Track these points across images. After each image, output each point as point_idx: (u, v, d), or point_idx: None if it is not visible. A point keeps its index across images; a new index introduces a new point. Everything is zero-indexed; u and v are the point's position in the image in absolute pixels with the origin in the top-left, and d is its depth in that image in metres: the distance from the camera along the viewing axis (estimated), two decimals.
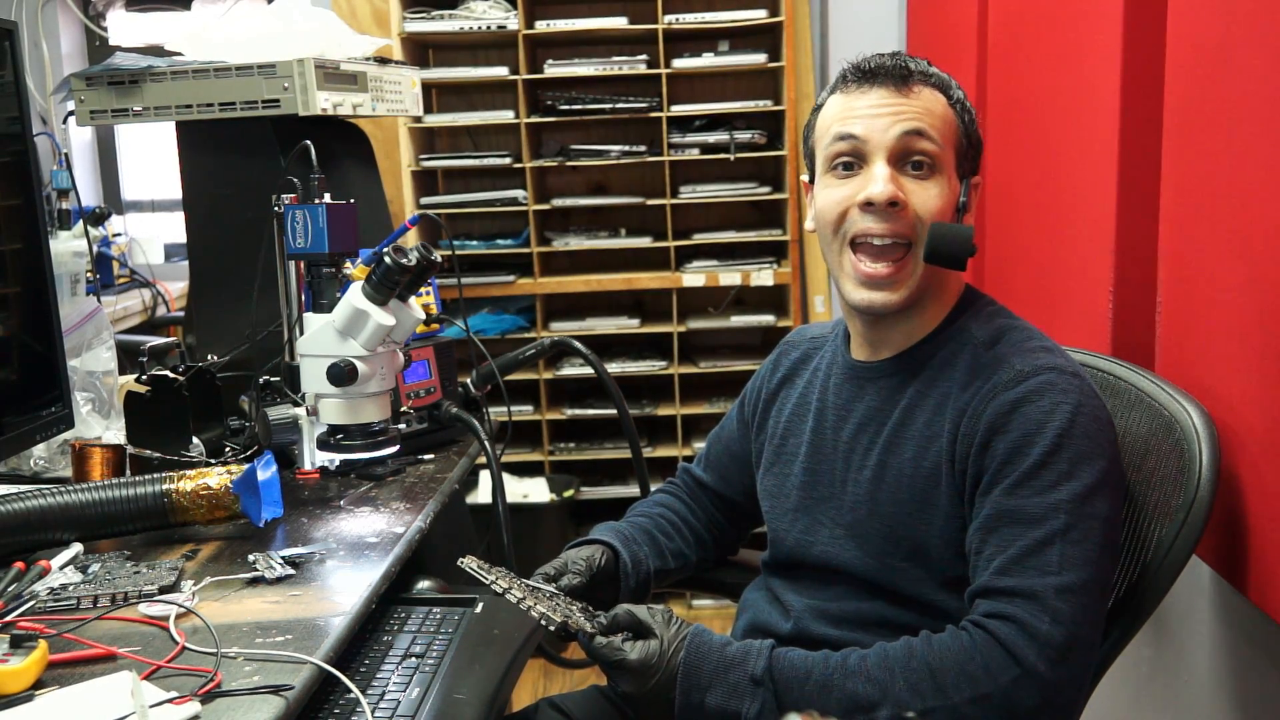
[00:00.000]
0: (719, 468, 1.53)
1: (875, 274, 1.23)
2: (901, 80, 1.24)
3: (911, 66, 1.25)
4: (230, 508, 1.38)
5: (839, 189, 1.24)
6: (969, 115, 1.28)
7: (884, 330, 1.29)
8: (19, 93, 1.54)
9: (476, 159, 3.22)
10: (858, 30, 3.17)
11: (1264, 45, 1.15)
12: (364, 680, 1.22)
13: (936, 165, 1.23)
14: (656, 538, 1.47)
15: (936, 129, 1.23)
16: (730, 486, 1.52)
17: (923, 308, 1.27)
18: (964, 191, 1.26)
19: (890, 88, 1.23)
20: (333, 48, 1.98)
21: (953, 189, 1.25)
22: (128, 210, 3.87)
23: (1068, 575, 1.10)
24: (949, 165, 1.24)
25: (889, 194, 1.20)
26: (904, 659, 1.12)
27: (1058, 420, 1.15)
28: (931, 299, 1.27)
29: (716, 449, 1.54)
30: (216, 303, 1.98)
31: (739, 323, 3.26)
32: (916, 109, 1.23)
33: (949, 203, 1.24)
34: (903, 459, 1.24)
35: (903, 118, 1.22)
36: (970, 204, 1.27)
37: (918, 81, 1.24)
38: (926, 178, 1.23)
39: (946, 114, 1.25)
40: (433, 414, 1.77)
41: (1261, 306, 1.16)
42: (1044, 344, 1.24)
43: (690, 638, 1.17)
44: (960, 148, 1.26)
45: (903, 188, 1.22)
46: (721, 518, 1.54)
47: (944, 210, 1.23)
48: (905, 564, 1.24)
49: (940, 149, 1.23)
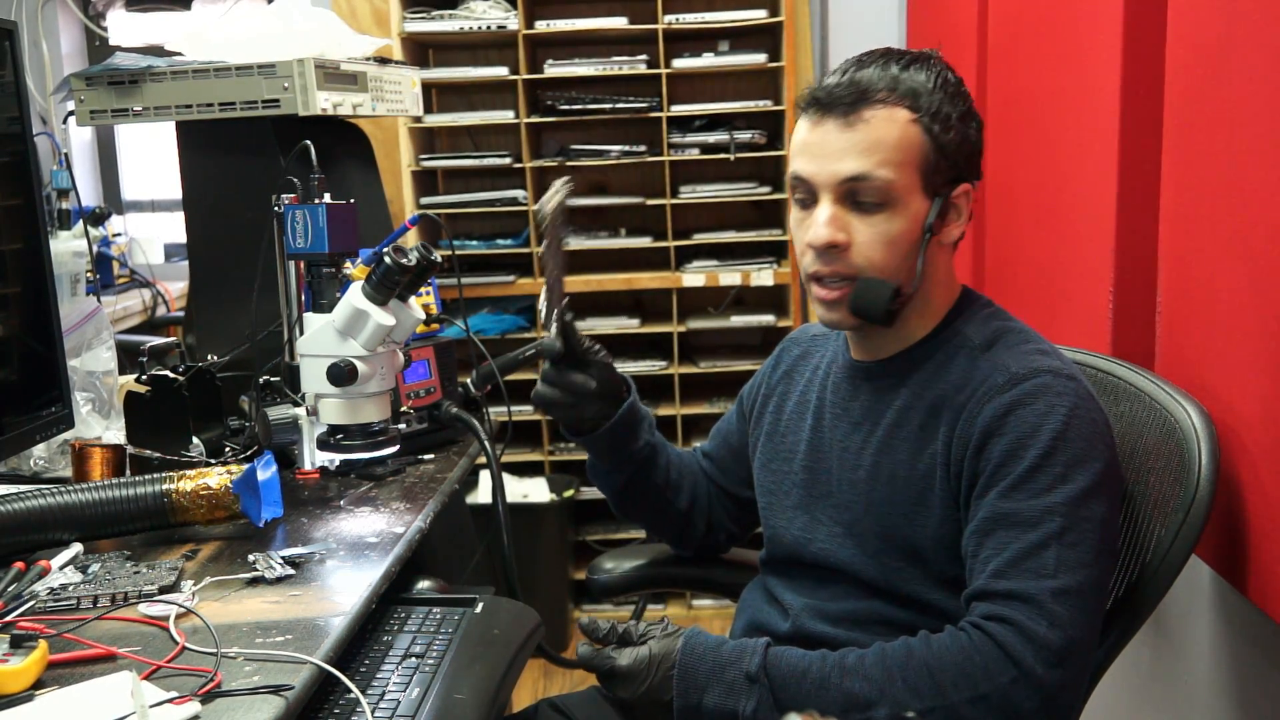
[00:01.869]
0: (719, 460, 1.54)
1: (826, 297, 1.24)
2: (851, 109, 1.19)
3: (867, 86, 1.19)
4: (230, 508, 1.38)
5: (799, 224, 1.26)
6: (942, 125, 1.20)
7: (871, 337, 1.30)
8: (19, 93, 1.54)
9: (476, 159, 3.22)
10: (858, 30, 3.17)
11: (1264, 45, 1.15)
12: (364, 680, 1.22)
13: (887, 199, 1.19)
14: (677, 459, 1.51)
15: (886, 161, 1.19)
16: (729, 479, 1.53)
17: (903, 318, 1.26)
18: (935, 210, 1.21)
19: (838, 119, 1.20)
20: (333, 48, 1.98)
21: (913, 214, 1.21)
22: (128, 210, 3.87)
23: (1064, 578, 1.10)
24: (908, 190, 1.20)
25: (825, 239, 1.21)
26: (903, 659, 1.12)
27: (1052, 423, 1.15)
28: (913, 309, 1.26)
29: (716, 442, 1.56)
30: (216, 303, 1.97)
31: (739, 323, 3.26)
32: (862, 145, 1.19)
33: (904, 231, 1.20)
34: (897, 460, 1.25)
35: (846, 158, 1.19)
36: (960, 214, 1.24)
37: (874, 104, 1.19)
38: (875, 213, 1.20)
39: (905, 136, 1.19)
40: (433, 414, 1.77)
41: (1261, 306, 1.16)
42: (1039, 346, 1.24)
43: (685, 639, 1.18)
44: (926, 166, 1.20)
45: (847, 226, 1.21)
46: (719, 507, 1.55)
47: (898, 240, 1.20)
48: (901, 564, 1.24)
49: (892, 179, 1.19)
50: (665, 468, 1.48)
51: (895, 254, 1.21)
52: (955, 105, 1.22)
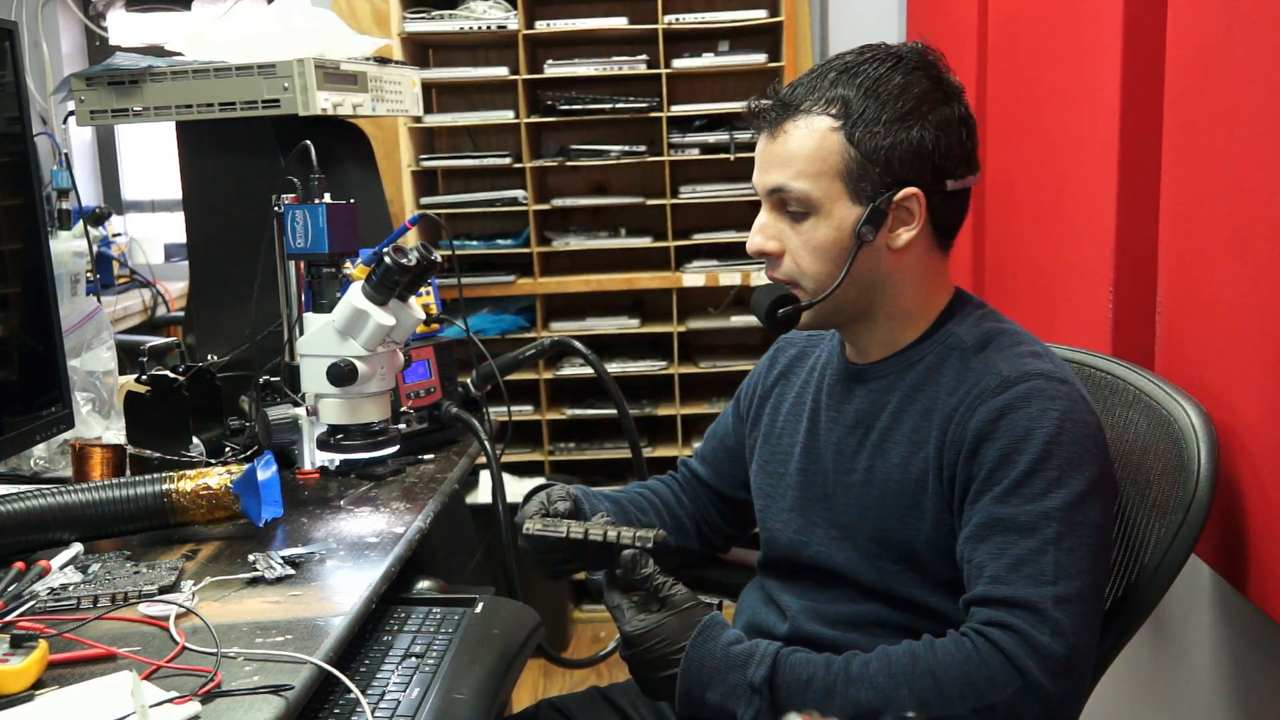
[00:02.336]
0: (714, 462, 1.52)
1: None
2: (775, 123, 1.24)
3: (789, 100, 1.23)
4: (230, 508, 1.38)
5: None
6: (867, 130, 1.19)
7: (859, 338, 1.30)
8: (19, 93, 1.54)
9: (476, 159, 3.22)
10: (858, 30, 3.17)
11: (1264, 45, 1.15)
12: (364, 680, 1.22)
13: (810, 207, 1.22)
14: (625, 507, 1.45)
15: (802, 172, 1.21)
16: (724, 481, 1.51)
17: (871, 320, 1.27)
18: (864, 217, 1.20)
19: (766, 133, 1.25)
20: (333, 48, 1.98)
21: (840, 220, 1.21)
22: (128, 210, 3.87)
23: (1063, 585, 1.10)
24: (831, 198, 1.21)
25: (754, 247, 1.27)
26: (908, 667, 1.12)
27: (1046, 427, 1.14)
28: (881, 312, 1.26)
29: (712, 443, 1.54)
30: (216, 303, 1.97)
31: (739, 323, 3.26)
32: (781, 157, 1.23)
33: (831, 237, 1.22)
34: (890, 463, 1.24)
35: (769, 170, 1.24)
36: (899, 221, 1.21)
37: (796, 115, 1.22)
38: (801, 220, 1.23)
39: (821, 147, 1.20)
40: (433, 414, 1.77)
41: (1261, 306, 1.16)
42: (1032, 349, 1.23)
43: (700, 629, 1.17)
44: (849, 173, 1.20)
45: (780, 234, 1.25)
46: (714, 513, 1.52)
47: (825, 246, 1.22)
48: (897, 566, 1.24)
49: (810, 189, 1.21)
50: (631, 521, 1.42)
51: (824, 260, 1.23)
52: (892, 108, 1.19)
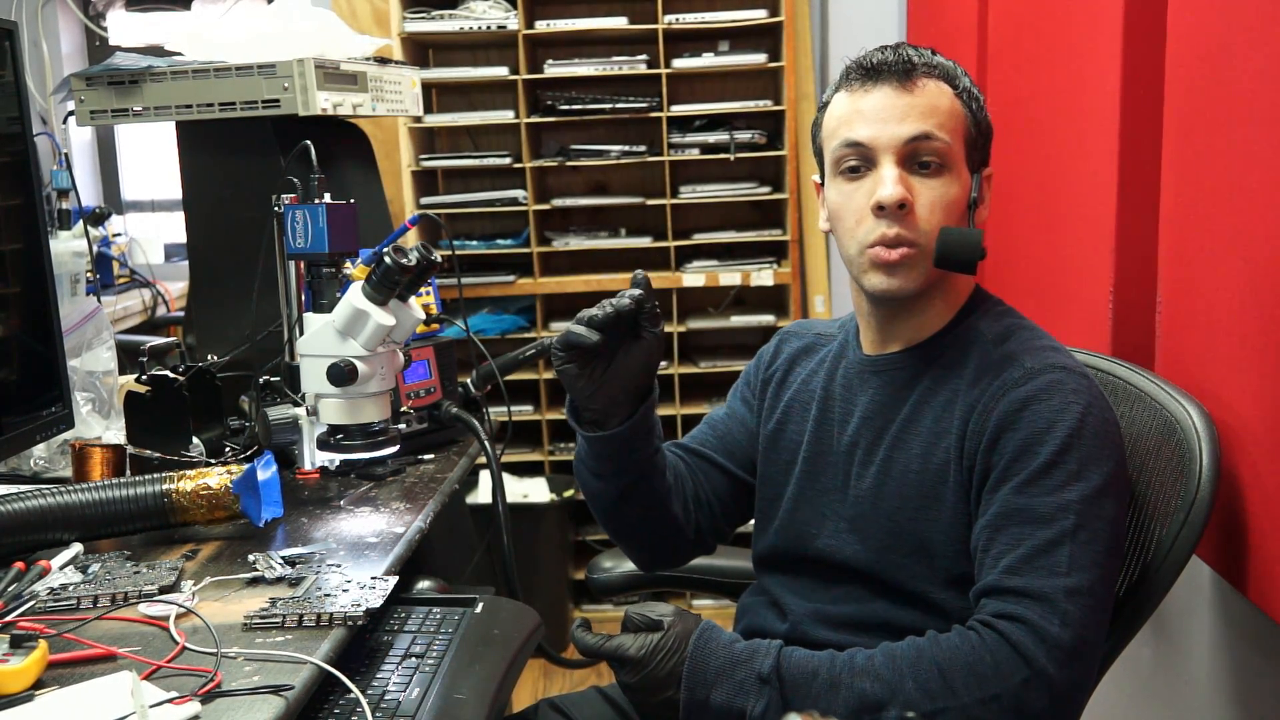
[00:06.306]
0: (725, 439, 1.45)
1: (890, 258, 1.22)
2: (905, 75, 1.22)
3: (915, 59, 1.23)
4: (230, 508, 1.38)
5: (850, 195, 1.24)
6: (977, 103, 1.26)
7: (895, 322, 1.29)
8: (19, 93, 1.54)
9: (476, 159, 3.22)
10: (858, 30, 3.17)
11: (1264, 45, 1.15)
12: (364, 680, 1.22)
13: (946, 162, 1.22)
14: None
15: (943, 125, 1.22)
16: (735, 459, 1.44)
17: (931, 300, 1.26)
18: (975, 186, 1.24)
19: (894, 85, 1.22)
20: (333, 48, 1.98)
21: (964, 184, 1.23)
22: (128, 210, 3.87)
23: (1076, 577, 1.09)
24: (959, 159, 1.23)
25: (897, 196, 1.19)
26: (913, 658, 1.12)
27: (1068, 420, 1.14)
28: (940, 294, 1.26)
29: (718, 418, 1.48)
30: (216, 303, 1.97)
31: (739, 323, 3.26)
32: (921, 107, 1.21)
33: (959, 198, 1.23)
34: (910, 455, 1.24)
35: (908, 120, 1.21)
36: (984, 197, 1.26)
37: (922, 75, 1.22)
38: (935, 175, 1.21)
39: (953, 106, 1.23)
40: (433, 414, 1.77)
41: (1261, 306, 1.16)
42: (1052, 344, 1.24)
43: (698, 633, 1.17)
44: (970, 138, 1.24)
45: (911, 188, 1.21)
46: (714, 492, 1.44)
47: (954, 206, 1.22)
48: (908, 560, 1.23)
49: (948, 144, 1.22)
50: (664, 472, 1.38)
51: (951, 219, 1.22)
52: (977, 91, 1.27)
